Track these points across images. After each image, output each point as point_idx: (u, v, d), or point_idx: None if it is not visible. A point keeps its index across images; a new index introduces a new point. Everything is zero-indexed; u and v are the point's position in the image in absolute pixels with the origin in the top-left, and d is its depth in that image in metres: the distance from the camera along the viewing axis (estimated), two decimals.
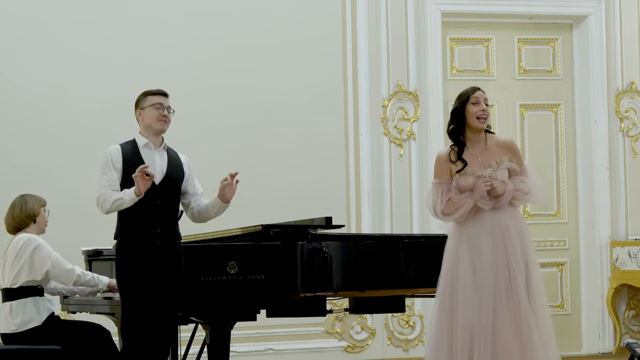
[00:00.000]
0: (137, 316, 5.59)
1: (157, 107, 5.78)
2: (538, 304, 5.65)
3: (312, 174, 8.95)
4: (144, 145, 5.76)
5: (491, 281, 5.60)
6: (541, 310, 5.66)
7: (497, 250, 5.64)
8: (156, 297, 5.59)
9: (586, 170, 9.72)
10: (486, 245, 5.65)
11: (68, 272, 6.25)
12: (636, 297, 9.63)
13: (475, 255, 5.66)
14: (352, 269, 6.16)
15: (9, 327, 6.21)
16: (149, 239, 5.62)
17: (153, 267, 5.60)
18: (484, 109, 5.77)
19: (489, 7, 9.52)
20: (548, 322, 5.67)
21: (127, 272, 5.62)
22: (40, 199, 6.48)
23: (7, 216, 6.44)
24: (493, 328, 5.56)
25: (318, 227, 6.30)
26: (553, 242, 9.74)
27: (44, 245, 6.26)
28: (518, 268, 5.63)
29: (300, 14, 9.04)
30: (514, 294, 5.59)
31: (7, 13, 8.52)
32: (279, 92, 8.94)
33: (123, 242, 5.67)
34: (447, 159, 5.79)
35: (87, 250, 6.81)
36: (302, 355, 8.90)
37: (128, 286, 5.62)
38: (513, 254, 5.65)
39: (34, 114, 8.50)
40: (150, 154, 5.75)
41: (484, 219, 5.69)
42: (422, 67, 9.26)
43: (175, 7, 8.83)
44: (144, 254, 5.61)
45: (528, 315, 5.58)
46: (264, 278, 5.90)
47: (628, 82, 9.75)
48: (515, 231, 5.71)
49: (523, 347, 5.54)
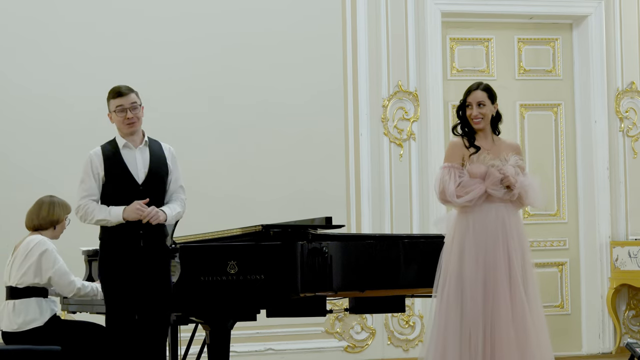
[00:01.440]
0: (121, 318, 5.57)
1: (120, 110, 5.70)
2: (534, 304, 5.67)
3: (312, 174, 8.95)
4: (123, 145, 5.71)
5: (495, 277, 5.62)
6: (537, 311, 5.68)
7: (501, 246, 5.66)
8: (141, 298, 5.56)
9: (586, 170, 9.72)
10: (492, 240, 5.67)
11: (69, 284, 6.26)
12: (636, 297, 9.63)
13: (480, 250, 5.67)
14: (352, 269, 6.16)
15: (11, 325, 6.23)
16: (132, 240, 5.59)
17: (137, 269, 5.57)
18: (475, 114, 5.82)
19: (489, 7, 9.52)
20: (543, 323, 5.69)
21: (109, 274, 5.59)
22: (67, 207, 6.46)
23: (32, 214, 6.42)
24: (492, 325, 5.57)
25: (318, 227, 6.30)
26: (553, 242, 9.74)
27: (52, 251, 6.26)
28: (518, 267, 5.66)
29: (300, 14, 9.04)
30: (515, 292, 5.61)
31: (7, 13, 8.52)
32: (279, 92, 8.94)
33: (106, 244, 5.64)
34: (461, 144, 5.86)
35: (87, 250, 6.81)
36: (302, 355, 8.90)
37: (111, 288, 5.59)
38: (514, 252, 5.68)
39: (34, 114, 8.50)
40: (130, 153, 5.69)
41: (490, 212, 5.71)
42: (422, 67, 9.26)
43: (175, 6, 8.82)
44: (126, 255, 5.58)
45: (526, 315, 5.59)
46: (264, 278, 5.90)
47: (628, 82, 9.75)
48: (516, 230, 5.74)
49: (521, 347, 5.55)
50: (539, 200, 5.86)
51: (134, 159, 5.68)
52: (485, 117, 5.86)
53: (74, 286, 6.25)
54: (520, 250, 5.71)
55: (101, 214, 5.57)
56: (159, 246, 5.67)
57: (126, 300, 5.56)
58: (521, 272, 5.67)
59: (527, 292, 5.65)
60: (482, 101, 5.86)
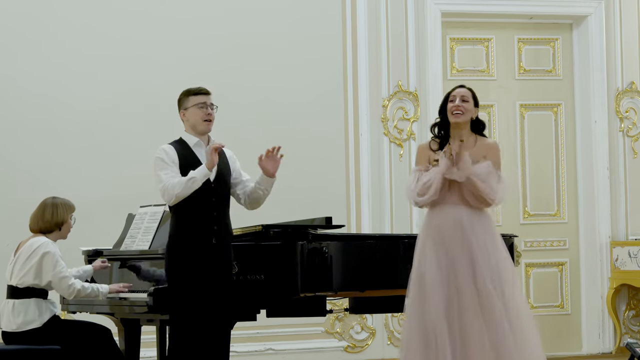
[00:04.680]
0: (190, 316, 5.58)
1: (201, 106, 5.80)
2: (511, 302, 5.62)
3: (312, 173, 8.95)
4: (195, 144, 5.77)
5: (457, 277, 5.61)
6: (514, 308, 5.62)
7: (462, 246, 5.64)
8: (211, 296, 5.59)
9: (586, 170, 9.72)
10: (451, 241, 5.66)
11: (68, 287, 6.24)
12: (636, 297, 9.63)
13: (439, 250, 5.68)
14: (352, 269, 6.17)
15: (10, 325, 6.23)
16: (205, 237, 5.63)
17: (208, 266, 5.60)
18: (456, 105, 5.79)
19: (489, 7, 9.52)
20: (524, 320, 5.63)
21: (181, 271, 5.61)
22: (70, 206, 6.45)
23: (36, 217, 6.41)
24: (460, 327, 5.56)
25: (318, 227, 6.31)
26: (553, 242, 9.74)
27: (54, 254, 6.24)
28: (485, 265, 5.61)
29: (300, 14, 9.05)
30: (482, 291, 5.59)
31: (7, 13, 8.52)
32: (279, 92, 8.94)
33: (177, 240, 5.66)
34: (427, 147, 5.86)
35: (87, 250, 6.80)
36: (302, 355, 8.90)
37: (181, 284, 5.60)
38: (478, 251, 5.63)
39: (34, 114, 8.50)
40: (201, 152, 5.77)
41: (449, 215, 5.70)
42: (422, 67, 9.26)
43: (175, 7, 8.83)
44: (199, 252, 5.61)
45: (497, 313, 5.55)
46: (264, 278, 5.90)
47: (628, 82, 9.75)
48: (477, 230, 5.69)
49: (496, 346, 5.53)
50: (494, 193, 5.73)
51: (205, 157, 5.72)
52: (465, 112, 5.81)
53: (74, 288, 6.24)
54: (485, 249, 5.66)
55: (186, 177, 5.58)
56: (227, 244, 5.72)
57: (198, 298, 5.57)
58: (490, 271, 5.62)
59: (502, 291, 5.62)
60: (465, 96, 5.84)
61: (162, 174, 5.65)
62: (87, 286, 6.30)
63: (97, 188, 8.50)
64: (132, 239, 6.50)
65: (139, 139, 8.60)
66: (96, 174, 8.55)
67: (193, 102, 5.80)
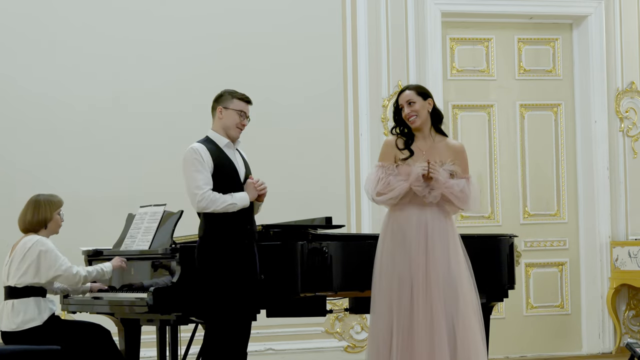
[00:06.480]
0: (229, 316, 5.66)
1: (241, 114, 5.90)
2: (462, 309, 5.66)
3: (312, 173, 8.95)
4: (225, 144, 5.84)
5: (409, 280, 5.65)
6: (464, 313, 5.65)
7: (420, 249, 5.68)
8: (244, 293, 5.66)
9: (586, 170, 9.72)
10: (410, 242, 5.71)
11: (74, 276, 6.26)
12: (636, 297, 9.63)
13: (396, 252, 5.73)
14: (352, 269, 6.17)
15: (10, 325, 6.23)
16: (240, 237, 5.71)
17: (243, 265, 5.68)
18: (406, 113, 5.84)
19: (489, 7, 9.52)
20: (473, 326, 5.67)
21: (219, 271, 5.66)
22: (55, 203, 6.43)
23: (21, 217, 6.43)
24: (410, 328, 5.61)
25: (318, 227, 6.31)
26: (553, 242, 9.74)
27: (52, 250, 6.25)
28: (435, 271, 5.65)
29: (300, 13, 9.05)
30: (429, 295, 5.63)
31: (8, 13, 8.52)
32: (279, 91, 8.94)
33: (211, 240, 5.71)
34: (394, 144, 5.88)
35: (87, 250, 6.80)
36: (302, 355, 8.90)
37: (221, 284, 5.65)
38: (432, 256, 5.68)
39: (35, 113, 8.50)
40: (232, 153, 5.86)
41: (411, 216, 5.75)
42: (422, 67, 9.26)
43: (175, 6, 8.82)
44: (235, 252, 5.68)
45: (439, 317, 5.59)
46: (264, 278, 5.91)
47: (628, 82, 9.75)
48: (439, 233, 5.73)
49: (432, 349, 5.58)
50: (468, 204, 5.80)
51: (235, 159, 5.84)
52: (419, 114, 5.84)
53: (80, 275, 6.26)
54: (442, 254, 5.70)
55: (229, 198, 5.68)
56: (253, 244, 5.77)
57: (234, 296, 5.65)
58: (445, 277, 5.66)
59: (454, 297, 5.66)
60: (410, 99, 5.86)
61: (196, 178, 5.68)
62: (91, 270, 6.31)
63: (97, 188, 8.50)
64: (132, 239, 6.50)
65: (139, 139, 8.60)
66: (96, 174, 8.55)
67: (236, 106, 5.89)
